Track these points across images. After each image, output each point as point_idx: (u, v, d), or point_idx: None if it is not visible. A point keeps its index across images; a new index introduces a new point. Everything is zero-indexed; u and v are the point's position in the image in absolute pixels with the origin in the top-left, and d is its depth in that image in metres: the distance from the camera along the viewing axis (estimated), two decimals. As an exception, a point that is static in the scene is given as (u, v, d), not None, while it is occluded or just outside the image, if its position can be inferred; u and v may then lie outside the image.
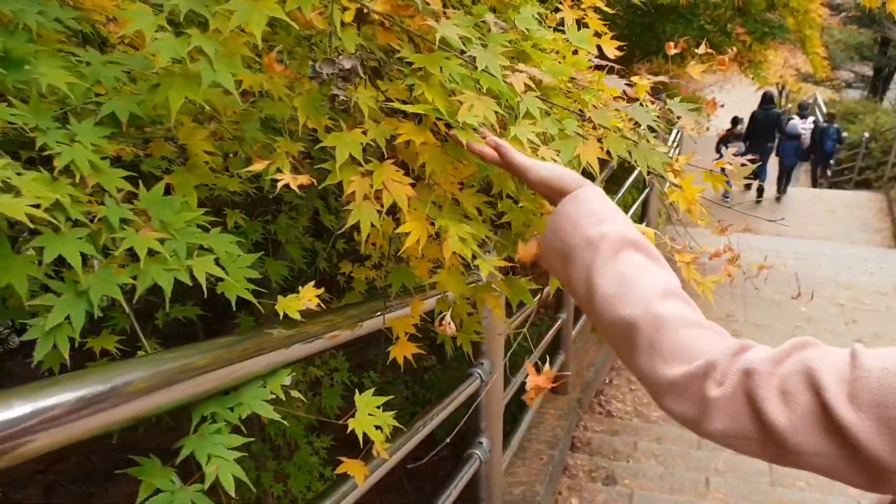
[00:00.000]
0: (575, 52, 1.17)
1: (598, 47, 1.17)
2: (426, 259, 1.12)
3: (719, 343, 0.72)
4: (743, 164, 1.11)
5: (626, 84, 1.14)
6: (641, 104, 1.04)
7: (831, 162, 14.83)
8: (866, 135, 13.82)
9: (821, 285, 6.36)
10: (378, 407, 0.97)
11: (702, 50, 1.22)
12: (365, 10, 0.96)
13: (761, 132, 10.36)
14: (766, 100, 10.58)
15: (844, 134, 13.97)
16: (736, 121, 11.64)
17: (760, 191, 11.46)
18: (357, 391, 1.00)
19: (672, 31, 5.36)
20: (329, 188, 0.94)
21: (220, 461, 0.80)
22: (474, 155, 0.95)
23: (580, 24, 1.17)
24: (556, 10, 1.19)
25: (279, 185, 0.91)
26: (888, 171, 12.15)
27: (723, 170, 1.12)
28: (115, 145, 0.90)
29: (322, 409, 2.46)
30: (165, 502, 0.77)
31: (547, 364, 1.05)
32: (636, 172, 5.40)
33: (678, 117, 1.08)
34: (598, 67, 1.15)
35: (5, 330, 3.69)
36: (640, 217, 5.53)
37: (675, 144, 7.00)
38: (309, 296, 0.98)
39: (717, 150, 10.29)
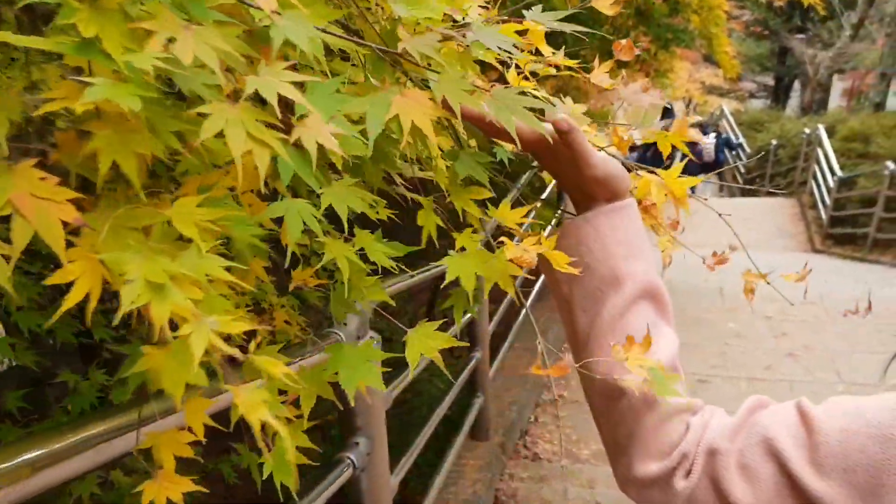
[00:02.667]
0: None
1: None
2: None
3: (692, 425, 0.70)
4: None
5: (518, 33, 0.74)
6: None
7: (740, 171, 15.15)
8: (774, 142, 14.05)
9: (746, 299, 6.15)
10: None
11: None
12: None
13: None
14: (666, 111, 11.14)
15: (736, 140, 14.14)
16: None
17: None
18: None
19: (572, 39, 5.07)
20: None
21: None
22: (484, 133, 0.71)
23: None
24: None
25: None
26: (797, 177, 12.32)
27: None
28: None
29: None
30: None
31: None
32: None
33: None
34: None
35: None
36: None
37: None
38: None
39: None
